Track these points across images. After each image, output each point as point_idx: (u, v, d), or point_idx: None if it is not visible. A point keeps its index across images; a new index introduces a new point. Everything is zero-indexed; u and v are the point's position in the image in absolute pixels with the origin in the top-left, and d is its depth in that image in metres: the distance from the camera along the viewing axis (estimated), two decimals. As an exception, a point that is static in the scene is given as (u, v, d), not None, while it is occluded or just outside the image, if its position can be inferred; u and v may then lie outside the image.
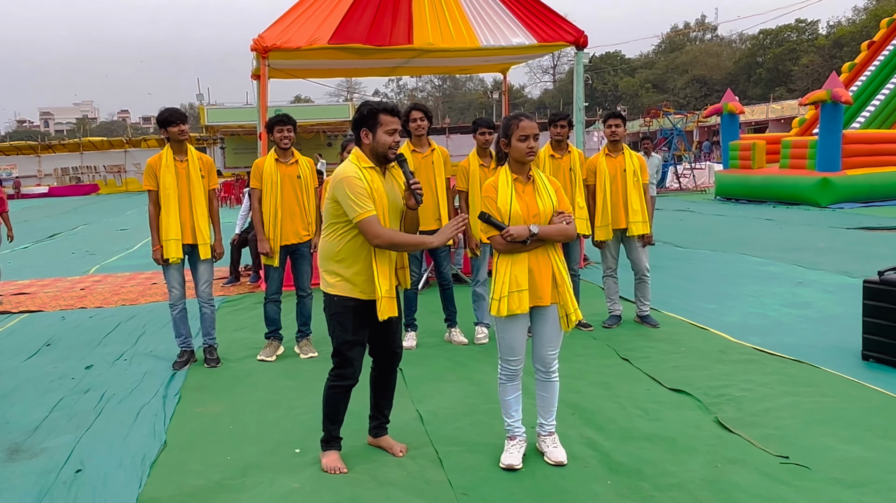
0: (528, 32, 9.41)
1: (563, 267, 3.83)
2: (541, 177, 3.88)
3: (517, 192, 3.80)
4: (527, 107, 71.48)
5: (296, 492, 3.63)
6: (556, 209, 3.79)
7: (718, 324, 6.53)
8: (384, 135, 3.66)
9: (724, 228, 13.90)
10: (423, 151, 6.08)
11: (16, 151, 47.74)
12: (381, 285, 3.68)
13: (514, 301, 3.74)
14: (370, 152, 3.71)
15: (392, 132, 3.68)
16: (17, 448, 4.31)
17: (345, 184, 3.61)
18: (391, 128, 3.67)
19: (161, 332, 6.99)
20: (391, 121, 3.67)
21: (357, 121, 3.73)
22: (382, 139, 3.66)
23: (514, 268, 3.75)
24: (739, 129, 21.67)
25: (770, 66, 56.39)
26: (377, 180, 3.69)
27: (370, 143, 3.69)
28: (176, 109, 5.75)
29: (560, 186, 3.94)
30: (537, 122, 3.94)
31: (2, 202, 9.14)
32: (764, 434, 4.08)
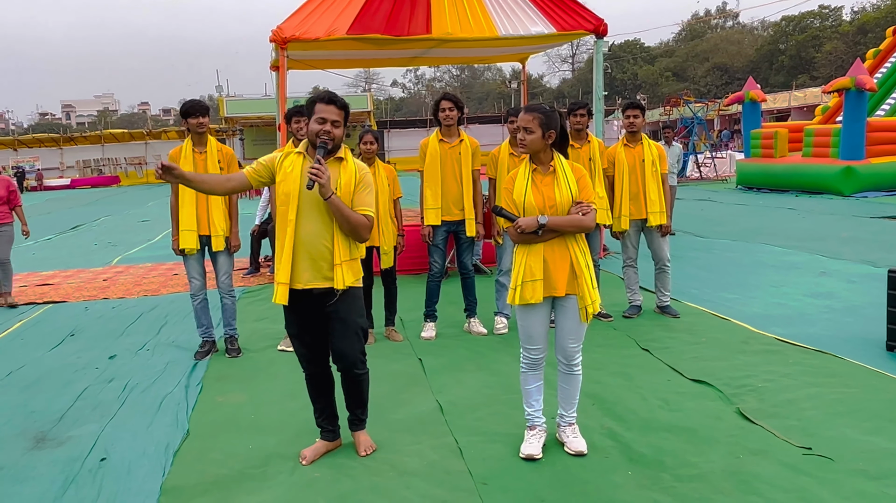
0: (546, 21, 9.33)
1: (583, 258, 3.77)
2: (563, 167, 3.81)
3: (535, 182, 3.78)
4: (545, 96, 71.12)
5: (316, 481, 3.65)
6: (576, 199, 3.75)
7: (740, 314, 6.48)
8: (314, 123, 3.68)
9: (745, 218, 13.77)
10: (450, 141, 6.07)
11: (38, 144, 48.32)
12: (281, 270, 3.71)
13: (528, 290, 3.74)
14: (309, 139, 3.76)
15: (322, 121, 3.65)
16: (44, 436, 4.37)
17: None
18: (320, 115, 3.65)
19: (183, 323, 7.05)
20: (321, 108, 3.67)
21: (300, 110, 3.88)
22: (312, 127, 3.69)
23: (530, 259, 3.76)
24: (761, 118, 21.44)
25: (792, 53, 55.67)
26: (297, 166, 3.71)
27: (306, 130, 3.82)
28: (198, 102, 5.78)
29: (584, 175, 3.84)
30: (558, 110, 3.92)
31: (14, 196, 8.62)
32: (786, 425, 4.05)
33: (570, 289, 3.77)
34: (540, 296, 3.75)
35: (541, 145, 3.77)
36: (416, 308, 6.54)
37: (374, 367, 5.41)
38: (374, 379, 5.17)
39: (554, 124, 3.76)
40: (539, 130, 3.73)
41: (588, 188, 3.81)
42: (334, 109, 3.66)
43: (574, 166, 3.86)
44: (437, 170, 6.05)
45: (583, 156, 6.35)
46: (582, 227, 3.73)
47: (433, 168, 6.06)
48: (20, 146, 47.91)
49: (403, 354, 5.78)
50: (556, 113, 3.80)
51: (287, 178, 3.68)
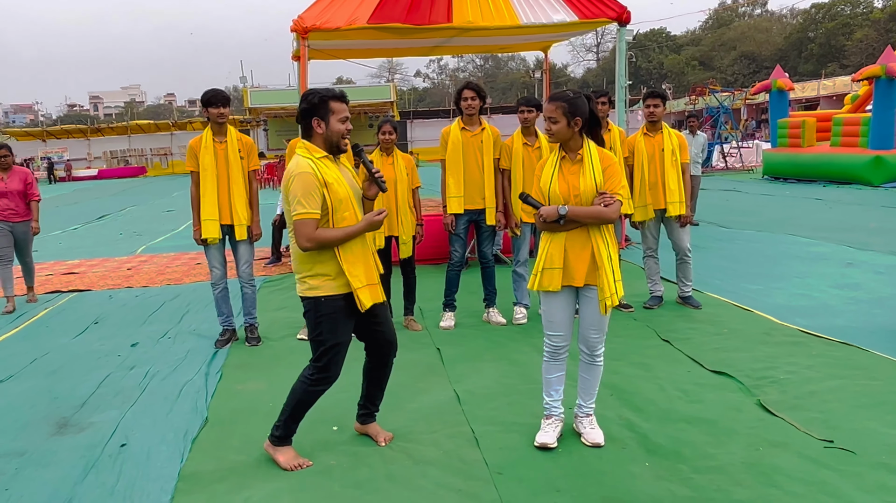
0: (569, 9, 9.24)
1: (605, 249, 3.69)
2: (590, 155, 3.72)
3: (562, 170, 3.74)
4: (570, 85, 70.64)
5: (334, 469, 3.67)
6: (601, 189, 3.67)
7: (763, 305, 6.40)
8: (337, 123, 3.55)
9: (771, 208, 13.58)
10: (472, 130, 6.05)
11: (66, 135, 49.02)
12: (357, 275, 3.56)
13: (546, 278, 3.73)
14: (323, 142, 3.57)
15: (344, 120, 3.56)
16: (66, 422, 4.43)
17: (299, 181, 3.45)
18: (343, 115, 3.56)
19: (204, 311, 7.11)
20: (342, 108, 3.56)
21: (307, 110, 3.56)
22: (336, 127, 3.54)
23: (552, 247, 3.73)
24: (789, 107, 21.12)
25: (822, 41, 54.71)
26: (333, 170, 3.56)
27: (323, 132, 3.55)
28: (219, 91, 5.78)
29: (613, 163, 3.72)
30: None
31: (32, 189, 7.91)
32: (808, 417, 3.99)
33: (590, 279, 3.72)
34: (558, 285, 3.73)
35: (568, 133, 3.71)
36: (436, 297, 6.53)
37: (392, 356, 5.46)
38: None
39: (579, 111, 3.68)
40: (564, 119, 3.67)
41: (615, 177, 3.71)
42: (347, 108, 3.62)
43: (604, 154, 3.75)
44: (460, 158, 6.03)
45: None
46: (604, 218, 3.65)
47: (455, 157, 6.03)
48: (49, 137, 48.62)
49: (422, 344, 5.78)
50: (581, 98, 3.71)
51: (334, 185, 3.50)
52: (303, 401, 3.74)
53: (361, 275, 3.59)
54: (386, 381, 4.03)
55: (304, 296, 3.63)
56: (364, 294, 3.58)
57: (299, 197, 3.44)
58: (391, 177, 5.92)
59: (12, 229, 7.79)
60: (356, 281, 3.56)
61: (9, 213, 7.74)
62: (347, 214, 3.55)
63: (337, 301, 3.57)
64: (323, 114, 3.54)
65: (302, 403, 3.74)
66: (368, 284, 3.62)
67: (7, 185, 7.72)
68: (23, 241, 7.90)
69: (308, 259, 3.57)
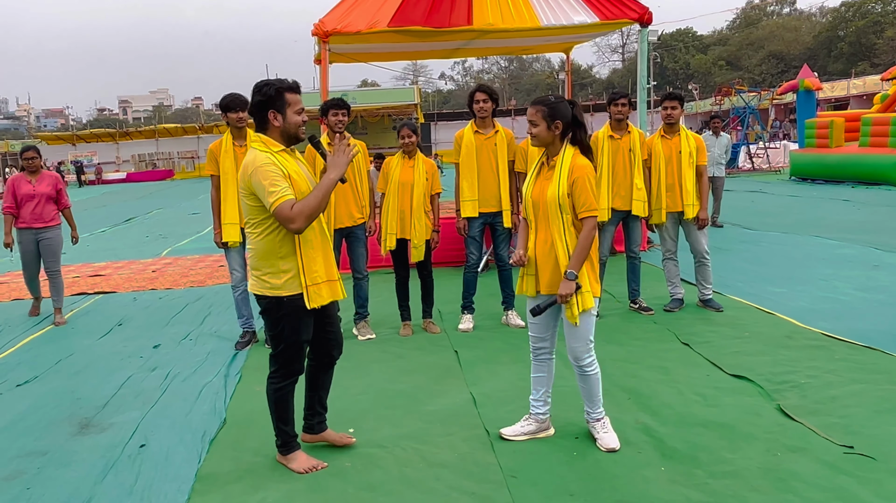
0: (590, 10, 9.19)
1: (567, 258, 3.64)
2: (562, 164, 3.67)
3: (541, 175, 3.80)
4: (595, 87, 70.31)
5: (348, 471, 3.68)
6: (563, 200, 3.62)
7: (786, 308, 6.31)
8: (293, 115, 3.48)
9: (797, 210, 13.40)
10: (486, 132, 6.05)
11: (96, 139, 49.84)
12: (316, 270, 3.52)
13: (523, 283, 3.88)
14: (280, 135, 3.50)
15: (300, 111, 3.50)
16: (88, 423, 4.50)
17: (261, 172, 3.34)
18: (299, 107, 3.49)
19: (226, 313, 7.18)
20: (297, 99, 3.49)
21: (262, 102, 3.45)
22: (293, 119, 3.48)
23: (529, 252, 3.84)
24: (817, 107, 20.85)
25: (852, 39, 53.86)
26: (292, 163, 3.49)
27: (280, 125, 3.47)
28: (237, 96, 5.81)
29: (584, 176, 3.62)
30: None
31: (62, 195, 7.45)
32: (828, 422, 3.93)
33: (556, 288, 3.70)
34: (531, 290, 3.84)
35: (548, 137, 3.73)
36: (455, 300, 6.54)
37: (410, 359, 5.50)
38: (409, 370, 5.24)
39: (560, 115, 3.68)
40: (543, 123, 3.70)
41: (583, 192, 3.62)
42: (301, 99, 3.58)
43: (577, 165, 3.66)
44: (473, 161, 6.02)
45: (623, 146, 6.26)
46: (587, 246, 3.65)
47: (469, 160, 6.03)
48: (79, 141, 49.48)
49: (440, 346, 5.78)
50: (563, 103, 3.72)
51: (291, 178, 3.45)
52: (278, 403, 3.71)
53: (321, 269, 3.56)
54: (328, 389, 3.98)
55: (262, 295, 3.54)
56: (322, 290, 3.55)
57: (267, 185, 3.33)
58: (409, 180, 5.93)
59: (37, 237, 7.26)
60: (313, 277, 3.51)
61: (33, 219, 7.22)
62: None
63: (299, 300, 3.51)
64: (279, 106, 3.46)
65: (279, 405, 3.71)
66: (328, 280, 3.60)
67: (35, 188, 7.23)
68: (48, 250, 7.31)
69: (270, 255, 3.49)
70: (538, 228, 3.79)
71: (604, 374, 4.81)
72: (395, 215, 5.96)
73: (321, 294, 3.57)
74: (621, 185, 6.30)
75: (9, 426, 4.49)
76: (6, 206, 7.31)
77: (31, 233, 7.27)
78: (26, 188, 7.24)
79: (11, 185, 7.29)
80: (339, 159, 3.51)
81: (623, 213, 6.37)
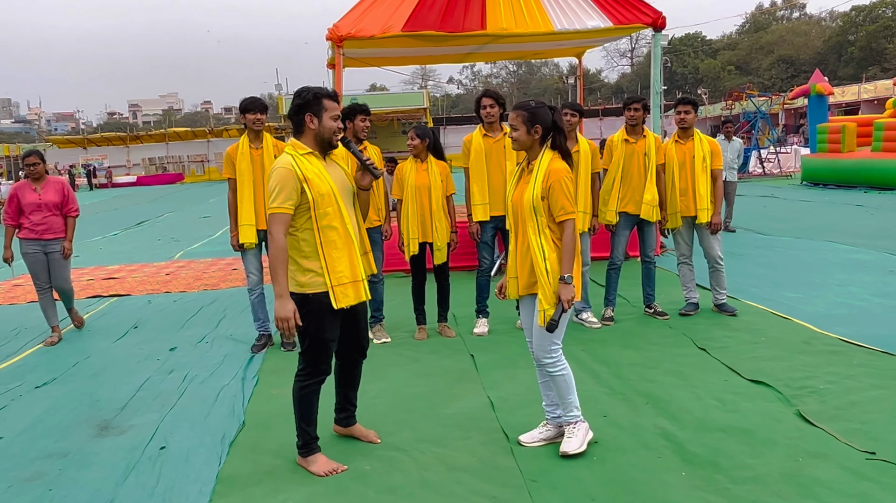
0: (603, 15, 9.21)
1: (543, 261, 3.64)
2: (539, 167, 3.69)
3: (521, 178, 3.83)
4: (604, 91, 70.28)
5: (368, 474, 3.69)
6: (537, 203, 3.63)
7: (802, 313, 6.29)
8: (329, 120, 3.60)
9: (809, 215, 13.36)
10: (494, 136, 6.07)
11: (106, 142, 50.13)
12: (341, 270, 3.60)
13: (508, 286, 3.90)
14: (314, 137, 3.62)
15: (336, 118, 3.63)
16: (107, 424, 4.53)
17: (274, 175, 3.51)
18: (335, 113, 3.62)
19: (240, 317, 7.21)
20: (334, 106, 3.64)
21: (300, 106, 3.61)
22: (328, 124, 3.60)
23: (510, 256, 3.88)
24: (828, 111, 20.76)
25: (863, 44, 53.70)
26: (318, 165, 3.59)
27: (316, 128, 3.60)
28: (257, 98, 5.90)
29: (559, 180, 3.62)
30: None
31: (68, 202, 6.78)
32: (849, 428, 3.92)
33: (533, 289, 3.74)
34: (514, 293, 3.86)
35: (527, 141, 3.75)
36: (470, 304, 6.54)
37: (427, 363, 5.50)
38: (425, 374, 5.25)
39: (539, 119, 3.71)
40: (523, 127, 3.72)
41: (559, 196, 3.62)
42: (339, 106, 3.76)
43: (554, 169, 3.65)
44: (483, 165, 6.04)
45: (637, 151, 6.26)
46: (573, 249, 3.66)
47: (479, 164, 6.05)
48: (89, 145, 49.75)
49: (456, 350, 5.79)
50: (543, 108, 3.75)
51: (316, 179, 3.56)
52: (302, 401, 3.77)
53: (346, 270, 3.62)
54: (356, 387, 4.11)
55: (291, 292, 3.58)
56: (348, 290, 3.62)
57: (271, 190, 3.51)
58: (425, 183, 5.95)
59: (45, 249, 6.68)
60: (338, 277, 3.59)
61: (42, 230, 6.63)
62: (331, 210, 3.57)
63: (325, 298, 3.59)
64: (316, 110, 3.59)
65: (303, 403, 3.77)
66: (353, 281, 3.65)
67: (42, 196, 6.63)
68: (58, 263, 6.75)
69: (295, 253, 3.59)
70: (518, 232, 3.81)
71: (621, 379, 4.86)
72: (416, 219, 5.98)
73: (347, 294, 3.63)
74: (636, 190, 6.30)
75: (29, 427, 4.52)
76: (7, 218, 6.73)
77: (38, 244, 6.65)
78: (31, 197, 6.63)
79: (14, 194, 6.67)
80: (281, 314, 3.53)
81: (637, 218, 6.37)
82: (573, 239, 3.66)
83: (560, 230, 3.69)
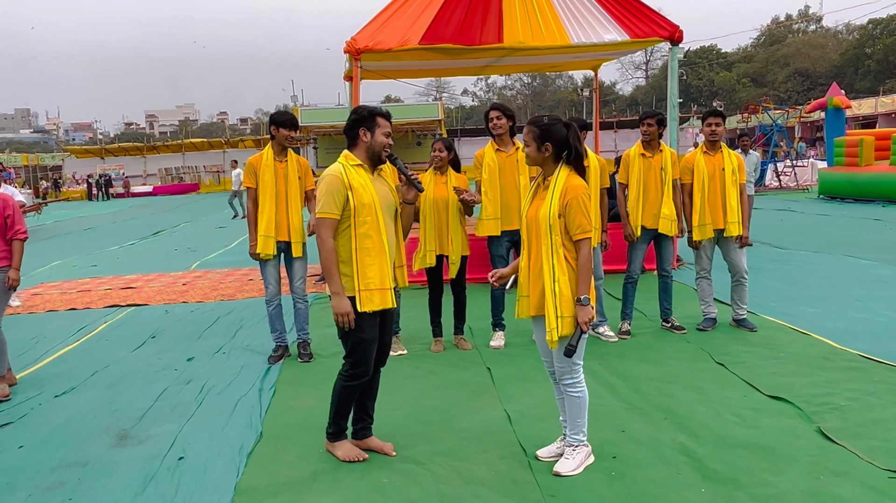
0: (620, 28, 9.22)
1: (554, 284, 3.61)
2: (555, 184, 3.68)
3: (537, 195, 3.81)
4: (618, 104, 70.18)
5: (386, 487, 3.69)
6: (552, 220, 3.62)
7: (821, 329, 6.24)
8: (381, 136, 3.87)
9: (827, 229, 13.27)
10: (506, 150, 6.07)
11: (123, 152, 50.58)
12: (371, 276, 3.79)
13: (519, 305, 3.88)
14: (365, 151, 3.88)
15: (387, 135, 3.89)
16: (126, 434, 4.55)
17: (324, 181, 3.80)
18: (387, 130, 3.90)
19: (257, 327, 7.24)
20: (386, 124, 3.91)
21: (356, 121, 3.89)
22: (380, 139, 3.87)
23: (521, 275, 3.86)
24: (846, 125, 20.62)
25: (880, 57, 53.37)
26: (365, 177, 3.84)
27: (368, 141, 3.87)
28: (292, 116, 5.99)
29: (577, 196, 3.61)
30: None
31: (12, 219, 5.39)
32: (871, 446, 3.88)
33: (539, 310, 3.73)
34: (524, 313, 3.85)
35: (538, 158, 3.76)
36: (486, 316, 6.53)
37: (443, 375, 5.50)
38: (442, 387, 5.24)
39: (551, 136, 3.68)
40: (534, 143, 3.73)
41: (577, 214, 3.61)
42: (390, 125, 3.95)
43: (571, 185, 3.64)
44: (496, 180, 6.05)
45: (654, 166, 6.25)
46: (588, 269, 3.65)
47: (492, 179, 6.06)
48: (107, 155, 50.19)
49: (472, 363, 5.78)
50: (558, 125, 3.71)
51: (360, 190, 3.80)
52: (343, 398, 3.99)
53: (376, 277, 3.81)
54: (374, 397, 4.22)
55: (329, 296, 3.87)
56: (374, 296, 3.81)
57: (320, 196, 3.80)
58: (443, 196, 5.97)
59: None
60: (366, 283, 3.79)
61: None
62: (369, 219, 3.79)
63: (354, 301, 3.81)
64: (370, 125, 3.88)
65: (342, 400, 4.00)
66: (381, 288, 3.83)
67: None
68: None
69: (337, 257, 3.83)
70: (531, 249, 3.77)
71: (638, 393, 4.84)
72: (434, 232, 5.99)
73: (373, 300, 3.81)
74: (652, 204, 6.28)
75: (49, 436, 4.56)
76: None
77: None
78: None
79: None
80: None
81: (654, 232, 6.35)
82: (589, 259, 3.65)
83: (576, 249, 3.65)
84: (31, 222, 22.85)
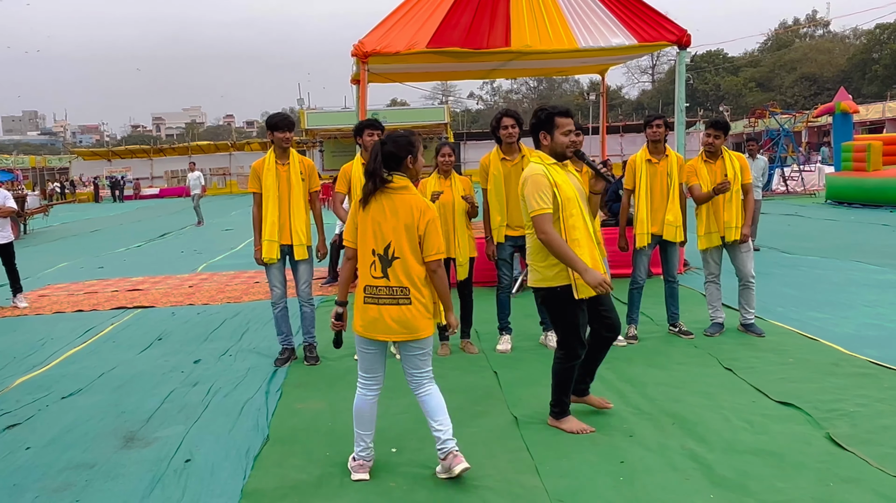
0: (628, 32, 9.21)
1: None
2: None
3: None
4: (624, 108, 70.14)
5: (393, 491, 3.68)
6: None
7: (830, 334, 6.21)
8: (561, 136, 4.05)
9: (835, 234, 13.22)
10: (512, 159, 6.00)
11: (131, 155, 50.79)
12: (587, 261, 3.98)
13: None
14: (549, 151, 4.09)
15: (567, 133, 4.05)
16: (133, 436, 4.55)
17: (530, 181, 3.98)
18: (567, 129, 4.05)
19: (263, 330, 7.23)
20: (567, 122, 4.05)
21: (535, 125, 4.10)
22: (559, 139, 4.05)
23: None
24: (853, 129, 20.55)
25: (887, 62, 53.18)
26: (561, 174, 4.05)
27: (549, 143, 4.08)
28: (286, 116, 5.93)
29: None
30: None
31: None
32: (881, 453, 3.85)
33: None
34: None
35: None
36: (492, 320, 6.52)
37: (450, 379, 5.48)
38: (448, 390, 5.18)
39: None
40: None
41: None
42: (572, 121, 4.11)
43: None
44: (502, 188, 6.03)
45: (660, 171, 6.23)
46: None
47: (498, 188, 6.05)
48: (114, 157, 50.41)
49: (479, 367, 5.77)
50: None
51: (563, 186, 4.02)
52: (561, 377, 4.28)
53: (588, 264, 3.97)
54: (599, 363, 4.50)
55: (538, 287, 4.15)
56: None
57: (533, 196, 3.97)
58: (449, 200, 5.96)
59: None
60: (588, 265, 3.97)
61: None
62: (575, 211, 4.01)
63: (569, 290, 4.04)
64: (549, 128, 4.07)
65: (563, 380, 4.28)
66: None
67: None
68: None
69: (542, 251, 4.06)
70: None
71: (646, 398, 4.82)
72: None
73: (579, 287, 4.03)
74: (658, 210, 6.26)
75: (57, 438, 4.56)
76: None
77: None
78: None
79: None
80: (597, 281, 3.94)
81: (660, 237, 6.32)
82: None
83: None
84: (39, 224, 23.00)
